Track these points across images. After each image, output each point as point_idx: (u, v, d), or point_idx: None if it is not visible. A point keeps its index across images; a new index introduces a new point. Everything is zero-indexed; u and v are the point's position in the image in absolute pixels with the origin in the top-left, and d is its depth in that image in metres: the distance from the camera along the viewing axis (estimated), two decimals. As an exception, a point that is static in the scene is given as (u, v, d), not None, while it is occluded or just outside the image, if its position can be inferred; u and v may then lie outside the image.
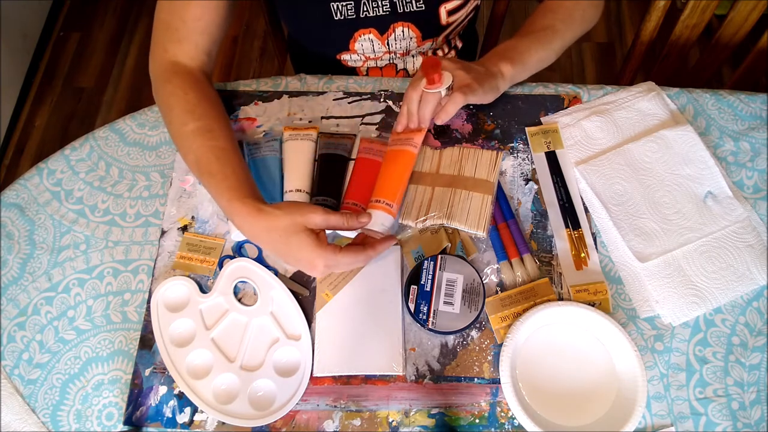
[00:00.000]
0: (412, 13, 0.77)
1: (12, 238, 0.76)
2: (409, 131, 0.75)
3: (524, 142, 0.78)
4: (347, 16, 0.77)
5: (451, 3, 0.78)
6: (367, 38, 0.81)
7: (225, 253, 0.73)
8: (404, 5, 0.76)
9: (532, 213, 0.74)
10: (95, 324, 0.71)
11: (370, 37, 0.80)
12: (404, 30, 0.79)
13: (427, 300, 0.66)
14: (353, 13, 0.77)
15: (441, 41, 0.84)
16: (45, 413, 0.67)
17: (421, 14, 0.78)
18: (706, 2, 0.92)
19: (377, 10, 0.77)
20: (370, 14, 0.77)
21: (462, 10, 0.80)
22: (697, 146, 0.76)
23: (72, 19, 2.02)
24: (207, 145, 0.66)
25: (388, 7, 0.77)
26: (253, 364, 0.67)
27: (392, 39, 0.81)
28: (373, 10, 0.77)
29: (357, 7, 0.77)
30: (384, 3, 0.76)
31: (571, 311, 0.65)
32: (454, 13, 0.79)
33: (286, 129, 0.78)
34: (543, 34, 0.76)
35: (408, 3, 0.76)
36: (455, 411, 0.65)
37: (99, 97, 1.87)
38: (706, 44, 1.02)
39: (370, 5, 0.76)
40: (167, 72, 0.72)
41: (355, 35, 0.80)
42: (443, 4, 0.78)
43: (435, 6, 0.77)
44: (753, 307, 0.69)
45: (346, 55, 0.83)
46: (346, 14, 0.77)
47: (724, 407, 0.65)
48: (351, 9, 0.77)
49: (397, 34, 0.80)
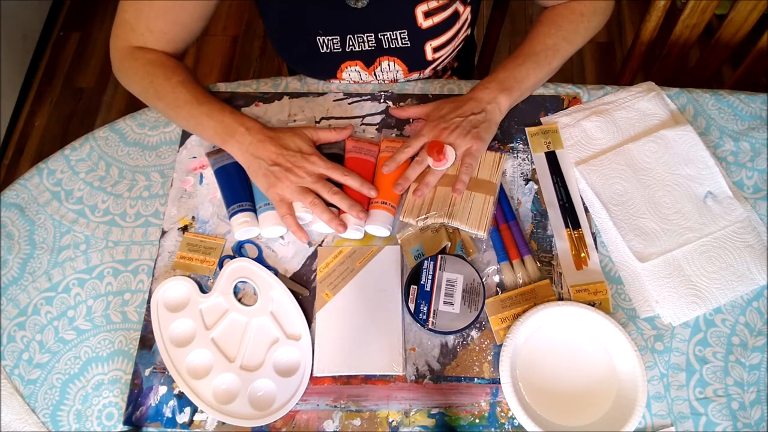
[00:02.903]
0: (397, 49, 0.78)
1: (12, 238, 0.76)
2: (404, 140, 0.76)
3: (524, 142, 0.78)
4: (333, 49, 0.78)
5: (437, 40, 0.78)
6: (354, 69, 0.81)
7: (225, 253, 0.73)
8: (390, 42, 0.77)
9: (532, 213, 0.74)
10: (95, 324, 0.71)
11: (357, 69, 0.81)
12: (390, 64, 0.80)
13: (427, 300, 0.66)
14: (339, 47, 0.78)
15: (428, 73, 0.84)
16: (45, 413, 0.67)
17: (407, 50, 0.78)
18: (706, 2, 0.92)
19: (363, 45, 0.77)
20: (356, 48, 0.78)
21: (449, 46, 0.80)
22: (697, 146, 0.76)
23: (72, 19, 2.02)
24: (198, 88, 0.75)
25: (374, 43, 0.77)
26: (253, 364, 0.67)
27: (378, 71, 0.82)
28: (359, 45, 0.77)
29: (343, 42, 0.77)
30: (369, 39, 0.77)
31: (571, 311, 0.65)
32: (440, 50, 0.80)
33: None
34: (544, 56, 0.76)
35: (393, 39, 0.76)
36: (455, 411, 0.65)
37: (99, 97, 1.87)
38: (706, 44, 1.02)
39: (356, 41, 0.77)
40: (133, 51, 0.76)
41: (342, 66, 0.81)
42: (429, 42, 0.78)
43: (420, 43, 0.78)
44: (753, 307, 0.69)
45: (336, 81, 0.84)
46: (332, 48, 0.78)
47: (724, 407, 0.65)
48: (337, 44, 0.77)
49: (383, 68, 0.81)
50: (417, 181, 0.73)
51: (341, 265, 0.70)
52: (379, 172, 0.75)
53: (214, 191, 0.77)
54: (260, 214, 0.72)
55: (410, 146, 0.73)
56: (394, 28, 0.76)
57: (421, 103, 0.81)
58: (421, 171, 0.73)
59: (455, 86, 0.83)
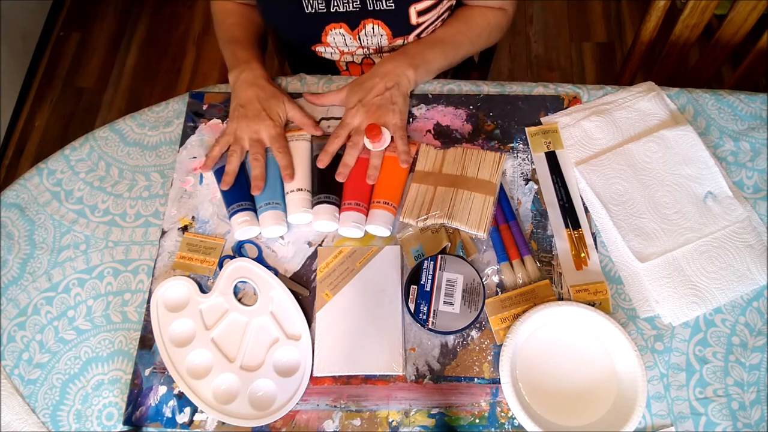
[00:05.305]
0: (381, 11, 0.79)
1: (12, 238, 0.76)
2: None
3: (524, 142, 0.78)
4: (318, 9, 0.79)
5: (422, 4, 0.79)
6: (339, 32, 0.82)
7: (225, 253, 0.73)
8: (374, 3, 0.78)
9: (532, 213, 0.74)
10: (95, 324, 0.71)
11: (341, 32, 0.82)
12: (374, 27, 0.81)
13: (427, 300, 0.66)
14: (324, 7, 0.79)
15: (412, 39, 0.85)
16: (45, 413, 0.67)
17: (391, 13, 0.79)
18: (706, 2, 0.92)
19: (347, 5, 0.78)
20: (341, 9, 0.79)
21: (433, 11, 0.81)
22: (697, 146, 0.76)
23: (72, 19, 2.02)
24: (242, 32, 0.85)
25: (358, 4, 0.78)
26: (253, 364, 0.67)
27: (363, 35, 0.83)
28: (343, 6, 0.78)
29: (328, 2, 0.78)
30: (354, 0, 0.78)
31: (571, 311, 0.65)
32: (425, 14, 0.80)
33: None
34: (451, 47, 0.83)
35: (378, 1, 0.78)
36: (455, 411, 0.65)
37: (99, 97, 1.87)
38: (706, 44, 1.02)
39: (341, 1, 0.78)
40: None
41: (326, 28, 0.82)
42: (413, 5, 0.78)
43: (405, 6, 0.78)
44: (753, 307, 0.69)
45: (321, 47, 0.86)
46: (317, 8, 0.79)
47: (724, 407, 0.65)
48: (322, 3, 0.78)
49: (367, 31, 0.82)
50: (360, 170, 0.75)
51: (341, 265, 0.71)
52: (381, 174, 0.75)
53: (214, 191, 0.77)
54: (260, 213, 0.72)
55: (339, 136, 0.76)
56: None
57: (421, 102, 0.81)
58: (357, 154, 0.75)
59: (455, 86, 0.83)
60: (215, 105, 0.83)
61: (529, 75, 1.80)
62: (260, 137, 0.76)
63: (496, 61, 1.74)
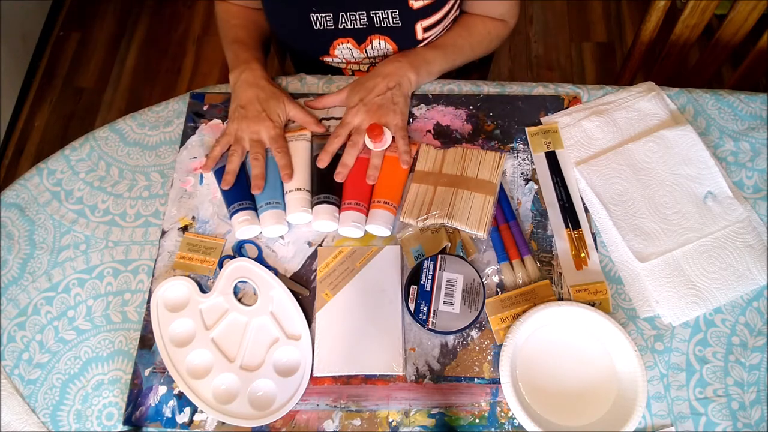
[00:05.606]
0: (388, 28, 0.80)
1: (12, 238, 0.76)
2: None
3: (524, 142, 0.78)
4: (326, 26, 0.80)
5: (428, 20, 0.79)
6: (346, 47, 0.83)
7: (225, 253, 0.73)
8: (381, 20, 0.79)
9: (532, 213, 0.74)
10: (95, 324, 0.71)
11: (349, 46, 0.83)
12: (381, 42, 0.82)
13: (427, 300, 0.66)
14: (332, 24, 0.80)
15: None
16: (45, 413, 0.67)
17: (397, 29, 0.80)
18: (706, 2, 0.92)
19: (355, 23, 0.79)
20: (348, 26, 0.80)
21: (439, 26, 0.82)
22: (697, 146, 0.76)
23: (72, 19, 2.02)
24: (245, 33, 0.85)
25: (366, 21, 0.79)
26: (253, 364, 0.67)
27: (369, 48, 0.84)
28: (351, 23, 0.79)
29: (336, 19, 0.79)
30: (362, 17, 0.78)
31: (571, 311, 0.65)
32: (430, 29, 0.81)
33: None
34: (452, 51, 0.83)
35: (385, 18, 0.78)
36: (455, 411, 0.65)
37: (99, 97, 1.87)
38: (706, 44, 1.02)
39: (348, 18, 0.79)
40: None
41: (334, 43, 0.83)
42: (420, 21, 0.79)
43: (411, 23, 0.79)
44: (753, 307, 0.69)
45: (328, 58, 0.87)
46: (325, 25, 0.80)
47: (724, 407, 0.65)
48: (330, 20, 0.79)
49: (374, 45, 0.83)
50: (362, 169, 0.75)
51: (341, 265, 0.71)
52: (381, 174, 0.75)
53: (214, 191, 0.77)
54: (261, 213, 0.72)
55: (339, 135, 0.76)
56: (386, 7, 0.77)
57: (421, 102, 0.81)
58: (357, 154, 0.75)
59: (455, 86, 0.83)
60: (216, 105, 0.83)
61: (529, 75, 1.80)
62: (260, 138, 0.76)
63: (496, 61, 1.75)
